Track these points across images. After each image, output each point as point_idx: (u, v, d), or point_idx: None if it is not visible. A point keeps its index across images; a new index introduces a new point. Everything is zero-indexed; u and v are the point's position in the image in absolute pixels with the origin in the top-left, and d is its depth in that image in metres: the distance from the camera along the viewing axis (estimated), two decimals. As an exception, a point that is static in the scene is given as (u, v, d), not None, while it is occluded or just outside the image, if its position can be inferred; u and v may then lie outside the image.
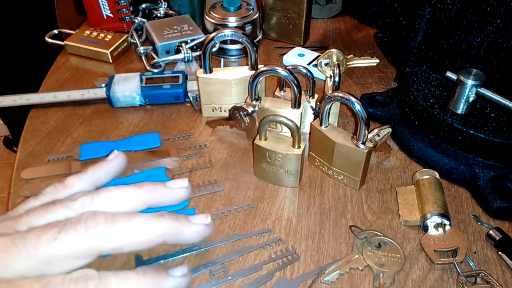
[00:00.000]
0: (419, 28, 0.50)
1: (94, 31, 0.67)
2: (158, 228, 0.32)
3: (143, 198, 0.34)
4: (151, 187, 0.35)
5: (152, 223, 0.32)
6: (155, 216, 0.32)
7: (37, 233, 0.30)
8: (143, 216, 0.32)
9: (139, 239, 0.31)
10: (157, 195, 0.35)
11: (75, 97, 0.55)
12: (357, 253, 0.38)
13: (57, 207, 0.32)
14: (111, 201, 0.33)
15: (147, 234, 0.32)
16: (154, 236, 0.32)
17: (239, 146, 0.50)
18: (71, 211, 0.32)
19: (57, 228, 0.30)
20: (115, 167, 0.38)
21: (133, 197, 0.34)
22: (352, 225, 0.41)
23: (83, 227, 0.30)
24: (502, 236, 0.39)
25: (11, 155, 1.62)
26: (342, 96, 0.40)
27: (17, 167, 0.47)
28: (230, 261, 0.38)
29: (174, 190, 0.36)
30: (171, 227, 0.33)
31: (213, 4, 0.66)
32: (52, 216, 0.31)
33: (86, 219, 0.30)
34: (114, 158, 0.38)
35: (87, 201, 0.32)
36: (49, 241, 0.29)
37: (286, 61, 0.64)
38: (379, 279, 0.36)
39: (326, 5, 0.74)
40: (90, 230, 0.30)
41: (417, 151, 0.48)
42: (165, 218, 0.32)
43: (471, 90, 0.43)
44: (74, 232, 0.30)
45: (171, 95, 0.55)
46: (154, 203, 0.35)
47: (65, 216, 0.31)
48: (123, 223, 0.31)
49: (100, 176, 0.37)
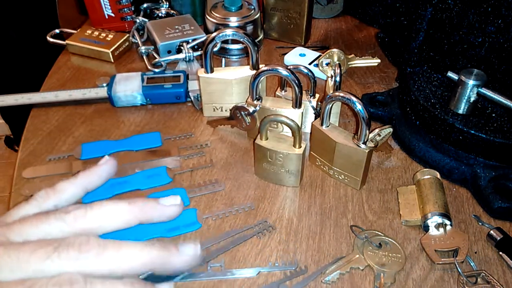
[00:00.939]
0: (421, 28, 0.50)
1: (95, 30, 0.67)
2: (147, 257, 0.32)
3: (135, 214, 0.35)
4: (143, 203, 0.36)
5: (142, 252, 0.32)
6: (145, 245, 0.33)
7: (31, 248, 0.30)
8: (133, 245, 0.32)
9: (127, 267, 0.32)
10: (149, 211, 0.36)
11: (76, 97, 0.55)
12: (358, 253, 0.38)
13: (51, 218, 0.33)
14: (103, 216, 0.34)
15: (135, 262, 0.32)
16: (143, 264, 0.32)
17: (240, 146, 0.50)
18: (65, 224, 0.33)
19: (51, 247, 0.30)
20: (106, 172, 0.39)
21: (125, 213, 0.35)
22: (353, 225, 0.41)
23: (76, 251, 0.30)
24: (503, 236, 0.39)
25: (12, 154, 1.63)
26: (343, 96, 0.40)
27: (19, 166, 0.47)
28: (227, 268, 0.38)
29: (166, 207, 0.37)
30: (159, 257, 0.33)
31: (214, 4, 0.66)
32: (45, 227, 0.32)
33: (80, 244, 0.31)
34: (105, 163, 0.39)
35: (80, 215, 0.33)
36: (41, 258, 0.30)
37: (287, 61, 0.64)
38: (380, 279, 0.36)
39: (327, 5, 0.74)
40: (83, 254, 0.30)
41: (418, 151, 0.48)
42: (155, 248, 0.33)
43: (472, 90, 0.43)
44: (66, 254, 0.30)
45: (172, 95, 0.55)
46: (145, 220, 0.36)
47: (58, 229, 0.32)
48: (113, 250, 0.31)
49: (91, 180, 0.38)
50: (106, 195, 0.43)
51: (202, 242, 0.39)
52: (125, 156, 0.48)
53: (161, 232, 0.39)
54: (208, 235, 0.40)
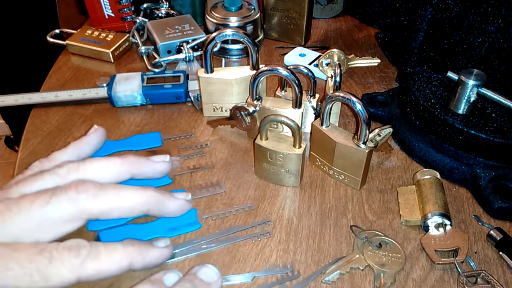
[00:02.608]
0: (420, 28, 0.50)
1: (95, 30, 0.67)
2: (144, 196, 0.35)
3: (127, 167, 0.38)
4: (135, 158, 0.39)
5: (138, 191, 0.35)
6: (141, 187, 0.36)
7: (29, 199, 0.32)
8: (130, 187, 0.35)
9: (125, 204, 0.34)
10: (140, 166, 0.39)
11: (76, 97, 0.55)
12: (358, 253, 0.38)
13: (45, 175, 0.35)
14: (96, 169, 0.36)
15: (133, 200, 0.35)
16: (139, 203, 0.35)
17: (240, 146, 0.50)
18: (58, 177, 0.35)
19: (48, 193, 0.32)
20: (95, 140, 0.43)
21: (117, 166, 0.37)
22: (353, 225, 0.41)
23: (73, 191, 0.32)
24: (503, 236, 0.39)
25: (12, 155, 1.63)
26: (343, 96, 0.40)
27: (19, 167, 0.47)
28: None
29: (157, 163, 0.40)
30: (155, 197, 0.36)
31: (214, 4, 0.66)
32: (40, 183, 0.34)
33: (76, 185, 0.33)
34: (93, 132, 0.43)
35: (73, 168, 0.35)
36: (41, 205, 0.32)
37: (287, 61, 0.64)
38: (380, 279, 0.36)
39: (327, 5, 0.74)
40: (81, 194, 0.33)
41: (418, 151, 0.48)
42: (150, 189, 0.36)
43: (472, 90, 0.43)
44: (65, 196, 0.32)
45: (172, 95, 0.55)
46: (137, 173, 0.38)
47: (53, 182, 0.34)
48: (111, 190, 0.34)
49: (82, 148, 0.41)
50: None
51: (202, 237, 0.40)
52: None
53: (161, 232, 0.39)
54: (208, 235, 0.40)
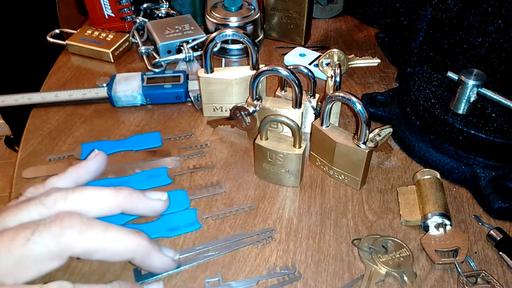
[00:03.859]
0: (420, 28, 0.50)
1: (95, 30, 0.67)
2: (132, 243, 0.32)
3: (119, 202, 0.34)
4: (129, 193, 0.35)
5: (128, 236, 0.32)
6: (132, 232, 0.32)
7: (10, 235, 0.29)
8: (120, 228, 0.32)
9: (111, 248, 0.31)
10: (134, 202, 0.35)
11: (76, 97, 0.55)
12: (372, 265, 0.38)
13: (30, 204, 0.32)
14: (86, 200, 0.33)
15: (120, 244, 0.31)
16: (126, 249, 0.32)
17: (240, 146, 0.50)
18: (44, 208, 0.31)
19: (30, 230, 0.29)
20: (94, 166, 0.37)
21: (109, 199, 0.34)
22: (353, 240, 0.40)
23: (58, 226, 0.29)
24: (503, 236, 0.39)
25: (12, 155, 1.63)
26: (343, 96, 0.40)
27: (19, 166, 0.47)
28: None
29: (152, 201, 0.36)
30: (144, 247, 0.32)
31: (214, 4, 0.66)
32: (24, 214, 0.31)
33: (62, 218, 0.30)
34: (93, 157, 0.38)
35: (61, 197, 0.32)
36: (22, 243, 0.29)
37: (287, 61, 0.64)
38: (405, 281, 0.36)
39: (327, 5, 0.74)
40: (65, 230, 0.29)
41: (418, 151, 0.48)
42: (141, 237, 0.32)
43: (472, 90, 0.43)
44: (48, 232, 0.29)
45: (172, 95, 0.55)
46: (129, 209, 0.35)
47: (38, 214, 0.31)
48: (99, 229, 0.31)
49: (80, 175, 0.37)
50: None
51: (203, 243, 0.39)
52: (125, 156, 0.48)
53: (161, 232, 0.39)
54: (208, 235, 0.40)
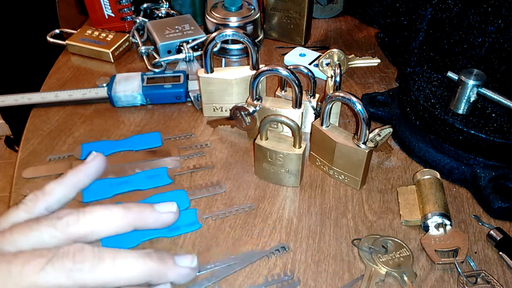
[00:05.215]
0: (420, 28, 0.50)
1: (95, 30, 0.67)
2: (144, 269, 0.31)
3: (129, 220, 0.34)
4: (138, 209, 0.35)
5: (138, 263, 0.31)
6: (141, 256, 0.32)
7: (24, 260, 0.29)
8: (129, 255, 0.31)
9: (123, 278, 0.31)
10: (144, 218, 0.35)
11: (76, 97, 0.55)
12: (372, 264, 0.38)
13: (42, 225, 0.32)
14: (96, 222, 0.33)
15: (132, 273, 0.31)
16: (139, 276, 0.31)
17: (240, 146, 0.50)
18: (57, 231, 0.31)
19: (45, 259, 0.29)
20: (94, 169, 0.37)
21: (119, 218, 0.33)
22: (353, 240, 0.40)
23: (70, 261, 0.29)
24: (503, 236, 0.39)
25: (12, 155, 1.63)
26: (343, 96, 0.40)
27: (19, 166, 0.47)
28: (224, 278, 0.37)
29: (162, 214, 0.36)
30: (156, 269, 0.32)
31: (214, 4, 0.66)
32: (37, 235, 0.31)
33: (74, 253, 0.30)
34: (92, 160, 0.37)
35: (73, 220, 0.32)
36: (34, 271, 0.29)
37: (287, 61, 0.64)
38: (405, 281, 0.36)
39: (327, 5, 0.74)
40: (77, 265, 0.29)
41: (418, 151, 0.48)
42: (151, 259, 0.32)
43: (472, 90, 0.43)
44: (61, 265, 0.29)
45: (172, 95, 0.55)
46: (140, 226, 0.35)
47: (50, 236, 0.31)
48: (109, 261, 0.30)
49: (79, 179, 0.36)
50: (106, 195, 0.43)
51: (224, 260, 0.38)
52: (125, 156, 0.48)
53: (161, 232, 0.39)
54: (208, 235, 0.40)
